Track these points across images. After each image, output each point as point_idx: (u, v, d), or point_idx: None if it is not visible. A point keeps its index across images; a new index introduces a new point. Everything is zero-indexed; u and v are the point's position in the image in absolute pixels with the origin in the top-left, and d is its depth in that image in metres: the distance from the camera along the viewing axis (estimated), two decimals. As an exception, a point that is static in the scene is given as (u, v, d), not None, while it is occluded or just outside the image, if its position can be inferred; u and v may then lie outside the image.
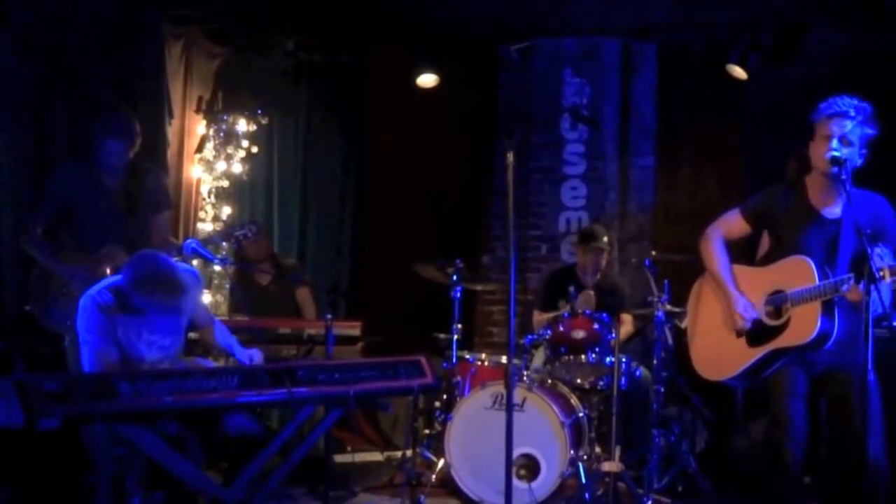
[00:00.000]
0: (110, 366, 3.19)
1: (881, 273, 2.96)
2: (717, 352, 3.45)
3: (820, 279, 3.16)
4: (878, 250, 3.14)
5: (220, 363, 4.15)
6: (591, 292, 4.97)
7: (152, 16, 5.23)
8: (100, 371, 3.15)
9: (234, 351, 3.59)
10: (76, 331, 3.30)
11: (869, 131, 3.20)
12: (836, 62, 5.49)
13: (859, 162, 3.22)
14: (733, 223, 3.50)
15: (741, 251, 3.67)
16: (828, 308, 3.15)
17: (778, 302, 3.29)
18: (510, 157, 3.13)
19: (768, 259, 3.43)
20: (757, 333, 3.32)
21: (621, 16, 5.98)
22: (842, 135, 3.16)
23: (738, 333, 3.37)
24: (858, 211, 3.11)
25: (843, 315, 3.15)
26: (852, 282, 3.06)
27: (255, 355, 3.54)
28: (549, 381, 4.54)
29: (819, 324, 3.13)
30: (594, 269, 5.17)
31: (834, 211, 3.27)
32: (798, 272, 3.22)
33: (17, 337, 4.18)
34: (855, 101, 3.19)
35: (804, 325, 3.17)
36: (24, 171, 4.58)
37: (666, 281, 4.55)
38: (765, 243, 4.31)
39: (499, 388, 4.23)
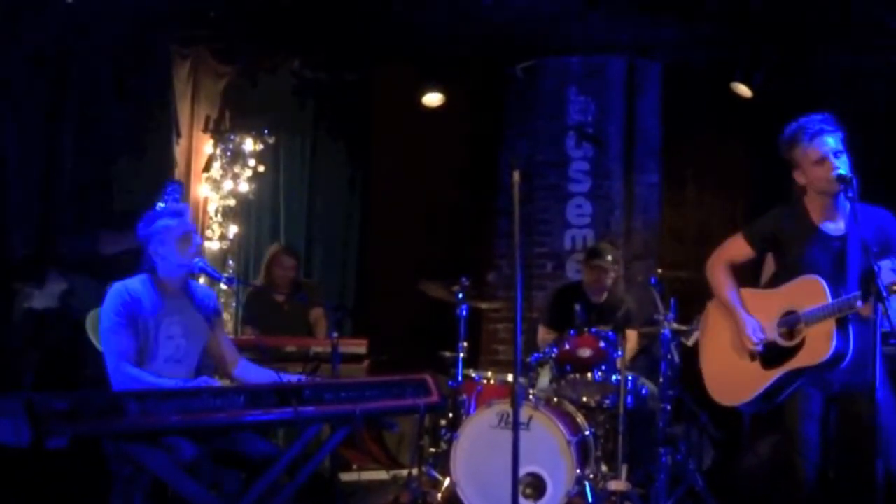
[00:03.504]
0: (127, 353, 3.23)
1: (889, 289, 2.95)
2: (732, 377, 3.41)
3: (832, 297, 3.14)
4: (885, 263, 3.13)
5: (227, 382, 4.15)
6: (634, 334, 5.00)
7: (160, 37, 5.29)
8: (116, 356, 3.22)
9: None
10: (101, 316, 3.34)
11: (841, 134, 3.21)
12: (839, 80, 5.51)
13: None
14: (737, 247, 3.47)
15: (746, 275, 3.66)
16: (842, 326, 3.12)
17: (791, 323, 3.25)
18: (516, 175, 3.14)
19: (776, 281, 3.41)
20: (771, 356, 3.28)
21: (626, 34, 6.02)
22: (833, 150, 3.17)
23: (752, 357, 3.34)
24: (863, 226, 3.11)
25: (856, 333, 3.13)
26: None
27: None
28: (555, 399, 4.53)
29: (835, 342, 3.10)
30: (601, 286, 5.16)
31: (837, 227, 3.25)
32: (810, 291, 3.19)
33: (27, 353, 4.22)
34: (819, 117, 3.21)
35: (819, 344, 3.14)
36: (33, 191, 4.62)
37: (672, 299, 4.55)
38: (769, 266, 4.30)
39: (505, 406, 4.22)
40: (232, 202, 5.76)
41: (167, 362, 3.35)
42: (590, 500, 4.16)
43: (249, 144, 5.82)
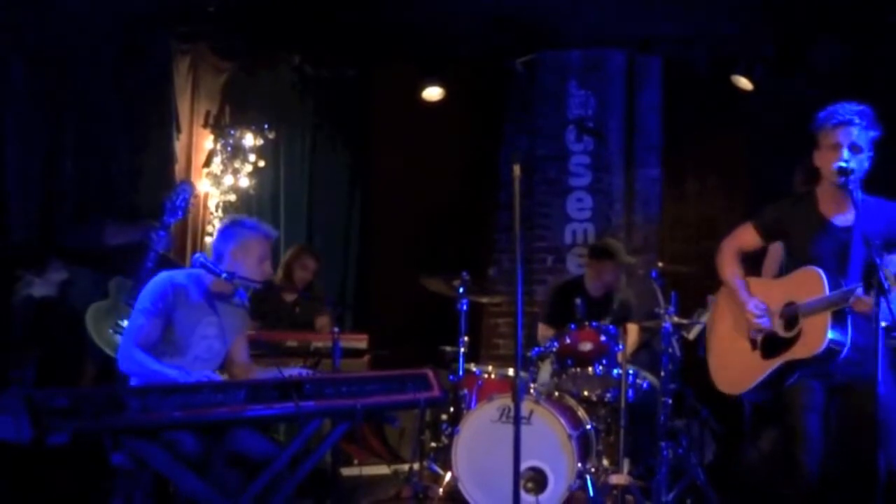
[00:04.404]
0: (143, 338, 3.27)
1: (889, 282, 2.95)
2: (733, 366, 3.44)
3: (830, 289, 3.13)
4: (894, 257, 3.13)
5: (227, 376, 4.15)
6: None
7: (160, 33, 5.28)
8: (132, 338, 3.26)
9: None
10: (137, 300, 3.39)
11: (873, 134, 3.19)
12: (839, 73, 5.50)
13: (867, 165, 3.21)
14: (746, 235, 3.48)
15: (749, 264, 3.66)
16: (839, 319, 3.11)
17: (791, 313, 3.26)
18: (516, 169, 3.13)
19: (784, 271, 3.42)
20: (771, 346, 3.30)
21: (626, 28, 6.01)
22: (851, 143, 3.15)
23: (753, 346, 3.36)
24: (870, 220, 3.10)
25: (858, 326, 3.12)
26: (859, 292, 3.04)
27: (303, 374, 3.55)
28: (556, 393, 4.53)
29: (828, 335, 3.10)
30: (606, 283, 5.14)
31: (846, 219, 3.24)
32: (808, 283, 3.20)
33: (27, 345, 4.23)
34: (856, 108, 3.19)
35: (814, 336, 3.14)
36: (34, 187, 4.62)
37: (673, 292, 4.55)
38: (772, 256, 4.30)
39: (506, 400, 4.22)
40: (232, 197, 5.76)
41: (196, 360, 3.39)
42: (591, 493, 4.16)
43: (250, 140, 5.82)
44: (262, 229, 3.53)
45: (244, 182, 5.81)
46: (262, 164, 5.92)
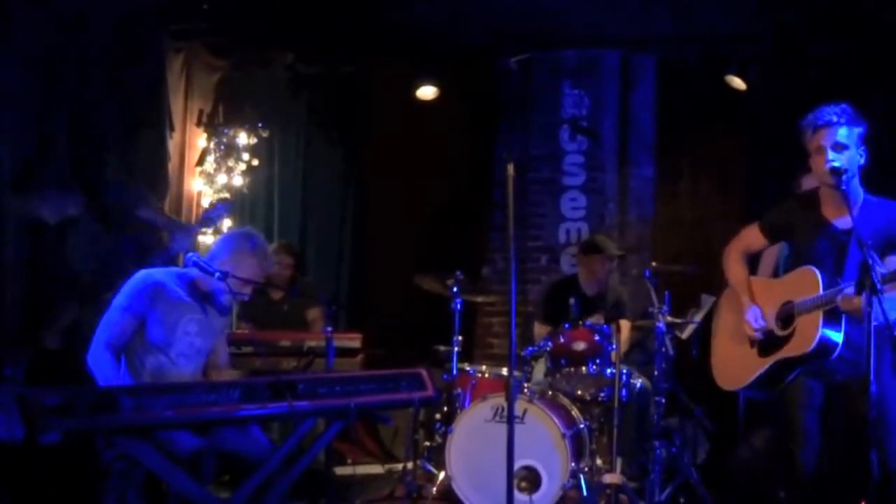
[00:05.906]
0: (115, 341, 3.29)
1: (883, 280, 2.96)
2: (733, 362, 3.50)
3: (825, 288, 3.16)
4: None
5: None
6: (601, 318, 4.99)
7: (153, 30, 5.26)
8: (105, 339, 3.28)
9: None
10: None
11: (858, 129, 3.23)
12: (836, 73, 5.51)
13: (861, 161, 3.24)
14: (752, 237, 3.54)
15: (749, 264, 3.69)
16: (832, 318, 3.14)
17: (787, 312, 3.30)
18: (510, 168, 3.14)
19: (786, 271, 3.47)
20: (768, 344, 3.35)
21: (620, 27, 6.01)
22: (833, 143, 3.19)
23: (752, 344, 3.41)
24: (869, 220, 3.14)
25: (854, 325, 3.13)
26: (847, 291, 3.06)
27: None
28: (550, 392, 4.53)
29: (820, 333, 3.13)
30: (598, 278, 5.15)
31: (847, 221, 3.26)
32: (805, 282, 3.24)
33: (20, 349, 4.21)
34: (835, 108, 3.23)
35: (807, 334, 3.17)
36: (25, 185, 4.59)
37: (666, 292, 4.56)
38: (767, 258, 4.33)
39: (499, 400, 4.22)
40: (226, 196, 5.75)
41: (179, 356, 3.40)
42: (584, 493, 4.17)
43: (243, 138, 5.81)
44: (263, 247, 3.57)
45: (238, 181, 5.80)
46: (255, 162, 5.91)
